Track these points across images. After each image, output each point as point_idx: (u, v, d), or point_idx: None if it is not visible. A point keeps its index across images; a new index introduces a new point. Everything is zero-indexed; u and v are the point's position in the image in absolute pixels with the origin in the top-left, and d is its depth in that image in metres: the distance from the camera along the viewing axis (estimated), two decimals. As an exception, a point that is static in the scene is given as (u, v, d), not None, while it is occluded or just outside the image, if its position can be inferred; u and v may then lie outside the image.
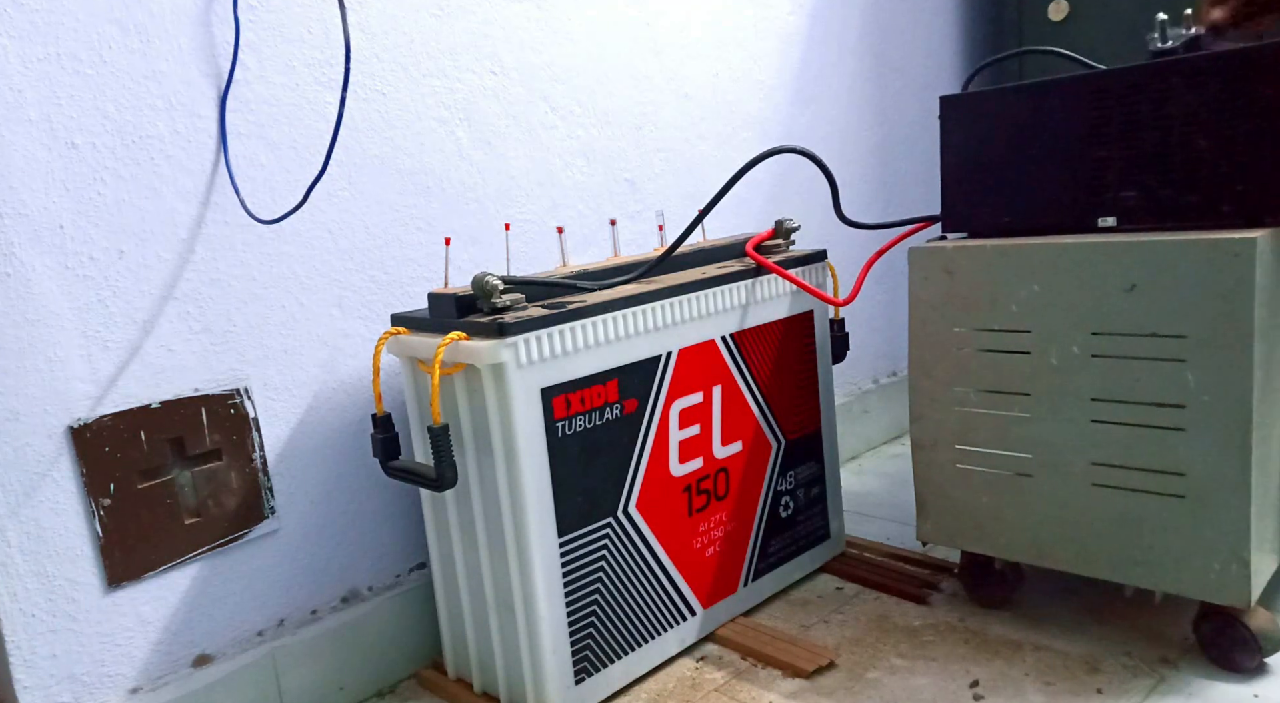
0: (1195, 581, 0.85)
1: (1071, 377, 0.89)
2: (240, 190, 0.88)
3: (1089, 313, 0.87)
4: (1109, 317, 0.86)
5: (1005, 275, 0.92)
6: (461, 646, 0.97)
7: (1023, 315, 0.91)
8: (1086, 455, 0.90)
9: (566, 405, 0.85)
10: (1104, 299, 0.86)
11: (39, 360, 0.78)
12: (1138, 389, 0.86)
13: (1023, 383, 0.92)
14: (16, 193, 0.76)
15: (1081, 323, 0.88)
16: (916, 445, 1.02)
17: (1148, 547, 0.88)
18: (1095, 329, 0.87)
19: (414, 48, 1.01)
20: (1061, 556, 0.93)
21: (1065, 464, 0.91)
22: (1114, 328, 0.86)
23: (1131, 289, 0.84)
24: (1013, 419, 0.94)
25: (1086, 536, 0.91)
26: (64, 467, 0.80)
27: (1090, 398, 0.88)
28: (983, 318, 0.95)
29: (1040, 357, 0.91)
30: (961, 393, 0.97)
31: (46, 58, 0.77)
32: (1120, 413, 0.87)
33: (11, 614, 0.78)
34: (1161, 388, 0.84)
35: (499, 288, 0.83)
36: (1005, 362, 0.93)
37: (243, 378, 0.90)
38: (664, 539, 0.96)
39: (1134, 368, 0.86)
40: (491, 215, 1.09)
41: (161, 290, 0.85)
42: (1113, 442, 0.88)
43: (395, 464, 0.89)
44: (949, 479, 1.00)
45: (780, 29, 1.42)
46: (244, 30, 0.87)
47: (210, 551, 0.89)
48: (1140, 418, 0.86)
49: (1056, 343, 0.89)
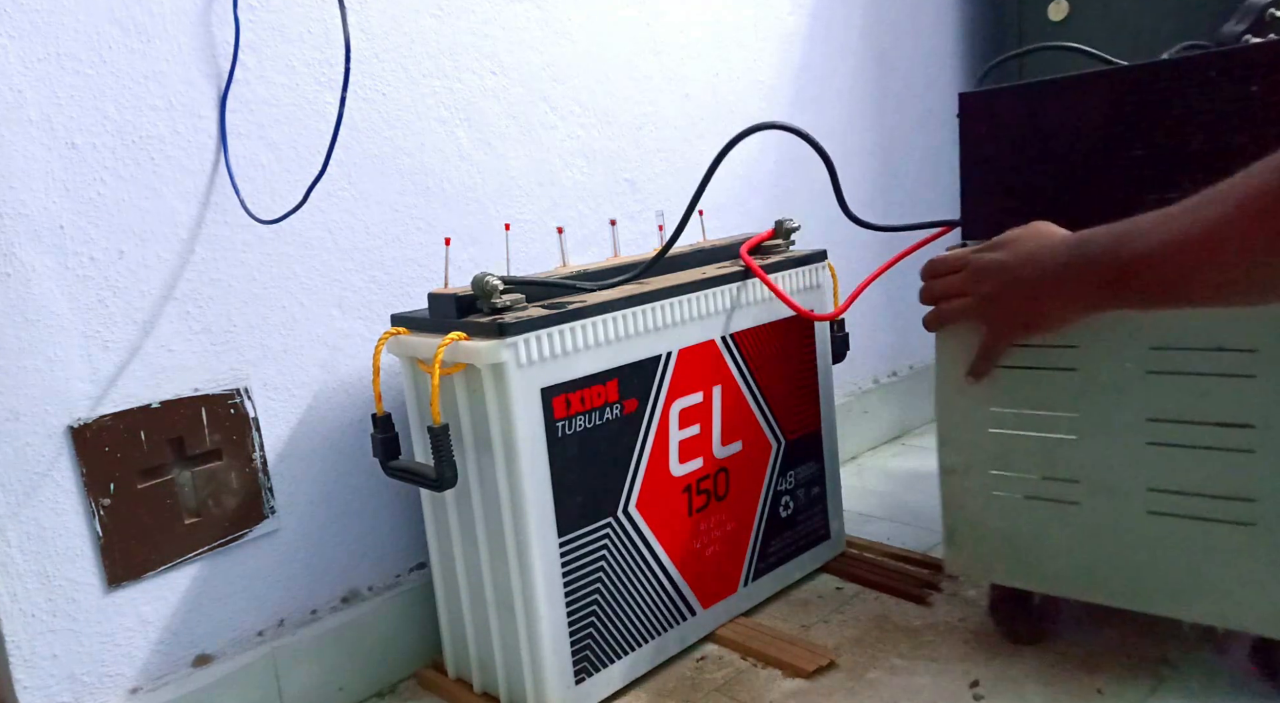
0: (1264, 615, 0.78)
1: (1125, 396, 0.81)
2: (240, 190, 0.88)
3: (1145, 327, 0.79)
4: (1168, 330, 0.78)
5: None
6: (461, 646, 0.97)
7: (1070, 330, 0.82)
8: (1143, 481, 0.81)
9: (566, 405, 0.85)
10: (1160, 313, 0.78)
11: (39, 360, 0.78)
12: (1201, 408, 0.78)
13: (1069, 403, 0.84)
14: (16, 193, 0.76)
15: (1136, 337, 0.79)
16: (946, 471, 0.93)
17: (1213, 579, 0.80)
18: (1153, 344, 0.79)
19: (414, 48, 1.01)
20: (1114, 589, 0.85)
21: (1119, 491, 0.83)
22: (1173, 342, 0.78)
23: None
24: (1057, 443, 0.85)
25: (1143, 568, 0.83)
26: (64, 467, 0.80)
27: (1147, 418, 0.80)
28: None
29: (1089, 374, 0.82)
30: (998, 414, 0.88)
31: (46, 58, 0.77)
32: (1181, 434, 0.79)
33: (11, 614, 0.78)
34: (1228, 407, 0.76)
35: (499, 288, 0.83)
36: (1049, 380, 0.85)
37: (243, 378, 0.90)
38: (664, 539, 0.96)
39: (1196, 385, 0.77)
40: (491, 215, 1.09)
41: (161, 290, 0.85)
42: (1173, 466, 0.80)
43: (395, 464, 0.89)
44: (983, 508, 0.91)
45: (780, 29, 1.42)
46: (244, 30, 0.87)
47: (210, 551, 0.89)
48: (1204, 440, 0.78)
49: (1108, 359, 0.81)
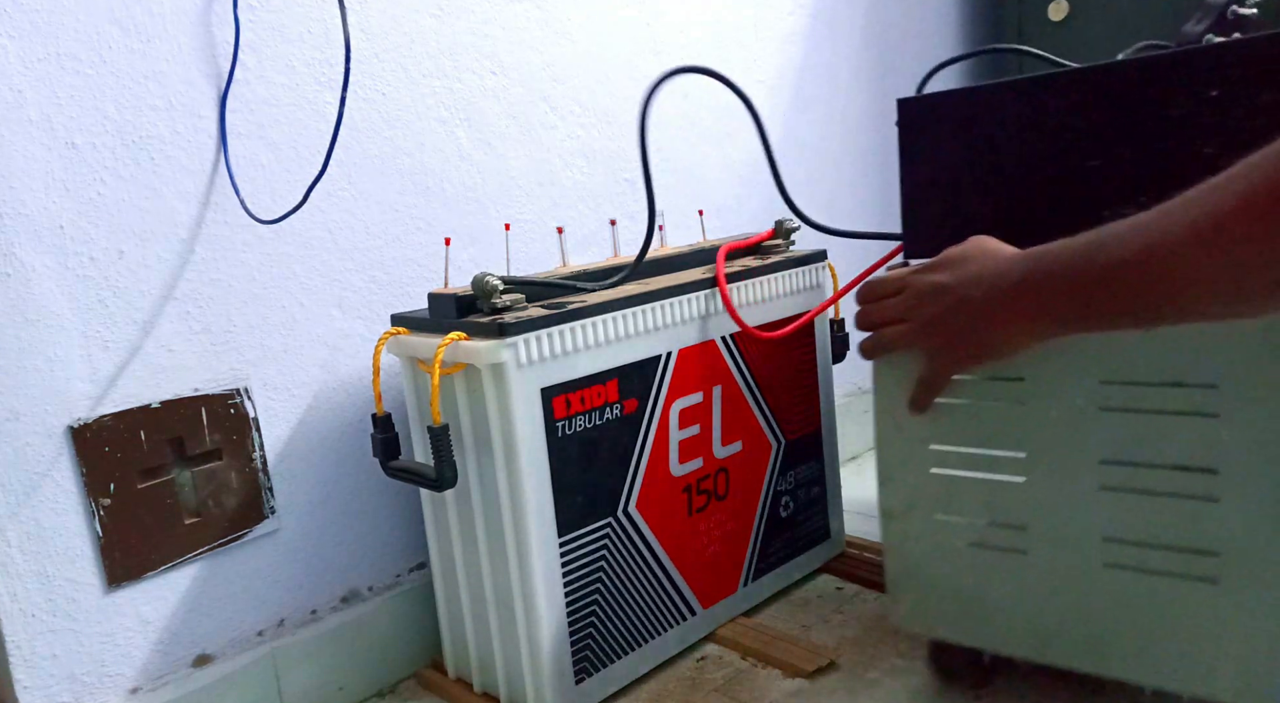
0: (1231, 683, 0.70)
1: (1076, 434, 0.73)
2: (240, 190, 0.88)
3: (1096, 358, 0.71)
4: (1121, 362, 0.70)
5: None
6: (461, 646, 0.97)
7: (1015, 362, 0.74)
8: (1097, 530, 0.74)
9: (566, 405, 0.85)
10: (1114, 342, 0.70)
11: (39, 360, 0.78)
12: (1159, 450, 0.70)
13: (1016, 441, 0.76)
14: (16, 193, 0.76)
15: (1086, 370, 0.72)
16: (886, 514, 0.85)
17: (1174, 641, 0.72)
18: (1104, 377, 0.71)
19: (414, 48, 1.01)
20: (1066, 650, 0.77)
21: (1070, 540, 0.75)
22: (1128, 376, 0.70)
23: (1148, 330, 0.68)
24: (1004, 485, 0.77)
25: (1098, 627, 0.75)
26: (64, 467, 0.80)
27: (1100, 460, 0.72)
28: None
29: (1037, 410, 0.74)
30: (940, 452, 0.80)
31: (46, 58, 0.77)
32: (1138, 479, 0.71)
33: (11, 614, 0.78)
34: (1189, 449, 0.68)
35: (499, 288, 0.83)
36: (993, 415, 0.77)
37: (243, 378, 0.90)
38: (664, 539, 0.96)
39: (1154, 424, 0.70)
40: (491, 215, 1.09)
41: (161, 290, 0.85)
42: (1129, 513, 0.72)
43: (395, 464, 0.89)
44: (927, 555, 0.83)
45: (780, 29, 1.42)
46: (244, 30, 0.87)
47: (210, 551, 0.89)
48: (1163, 485, 0.70)
49: (1057, 394, 0.73)
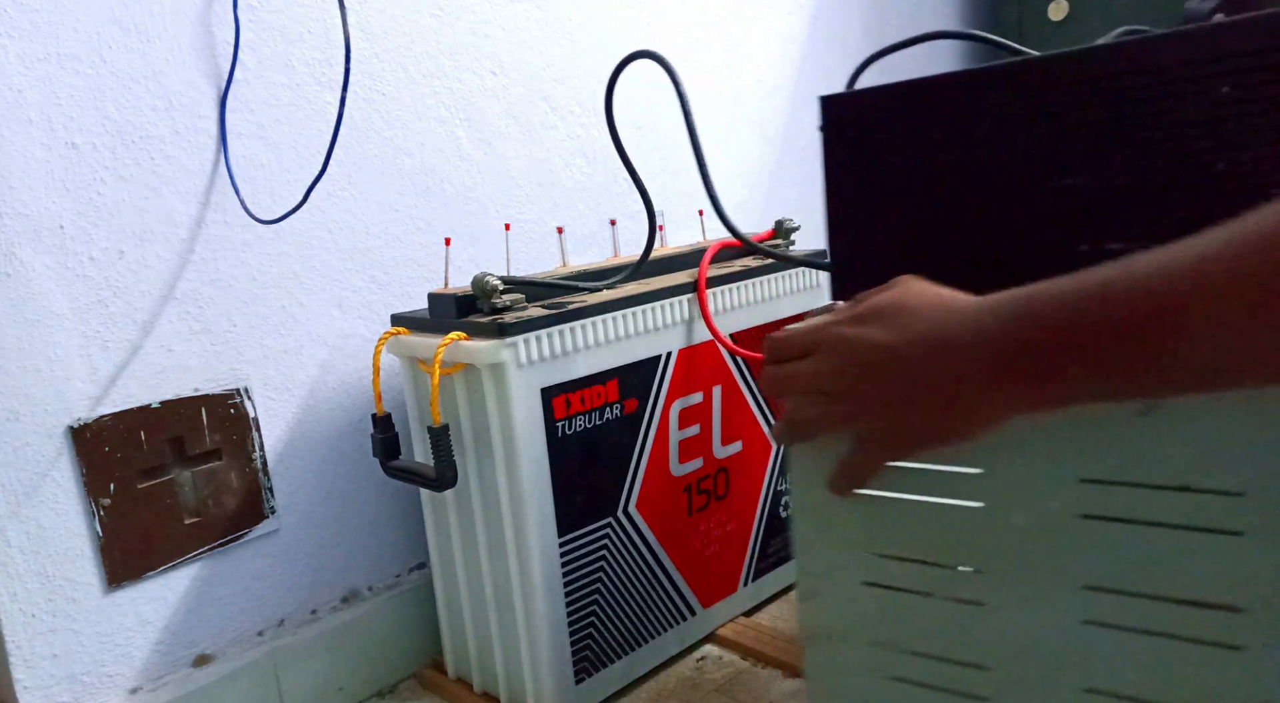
0: None
1: (1050, 549, 0.54)
2: (240, 190, 0.88)
3: (1077, 446, 0.52)
4: (1108, 456, 0.52)
5: None
6: (461, 646, 0.97)
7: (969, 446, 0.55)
8: (1077, 677, 0.55)
9: (566, 405, 0.85)
10: (1099, 427, 0.52)
11: (39, 360, 0.78)
12: (1161, 577, 0.51)
13: (973, 553, 0.57)
14: (16, 193, 0.76)
15: (1064, 462, 0.53)
16: (808, 638, 0.65)
17: None
18: (1087, 474, 0.52)
19: (414, 48, 1.01)
20: None
21: (1043, 688, 0.56)
22: (1118, 474, 0.51)
23: (1146, 411, 0.50)
24: (959, 610, 0.58)
25: None
26: (64, 467, 0.80)
27: (1083, 585, 0.53)
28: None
29: (1000, 513, 0.55)
30: (876, 562, 0.60)
31: (46, 58, 0.77)
32: (1132, 613, 0.52)
33: (11, 614, 0.78)
34: (1203, 578, 0.50)
35: (499, 288, 0.83)
36: (944, 517, 0.57)
37: (243, 378, 0.90)
38: (664, 539, 0.96)
39: (1154, 541, 0.51)
40: (491, 215, 1.09)
41: (161, 290, 0.85)
42: (1120, 659, 0.53)
43: (395, 464, 0.89)
44: (860, 695, 0.64)
45: (780, 29, 1.42)
46: (244, 30, 0.87)
47: (210, 551, 0.89)
48: (1166, 624, 0.51)
49: (1025, 493, 0.55)
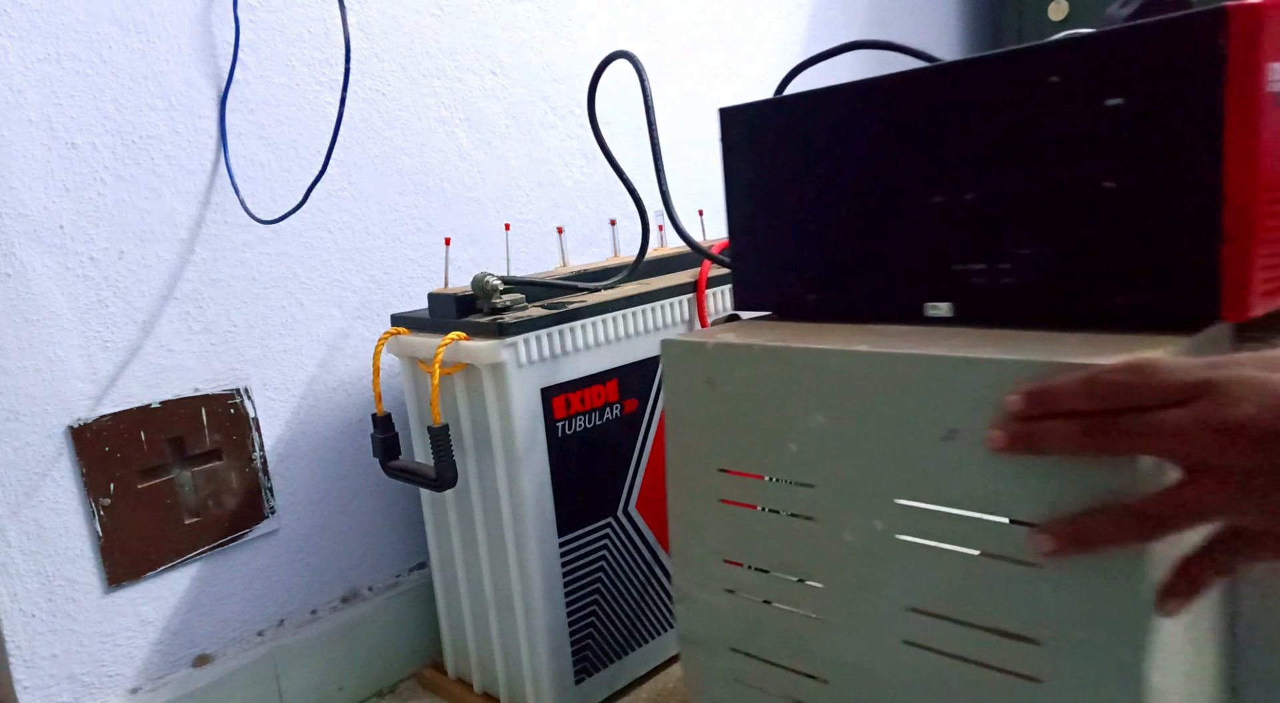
0: None
1: (874, 566, 0.55)
2: (240, 190, 0.88)
3: (893, 468, 0.53)
4: (922, 479, 0.51)
5: (781, 395, 0.58)
6: (461, 646, 0.97)
7: (805, 461, 0.57)
8: (902, 697, 0.55)
9: (566, 406, 0.85)
10: (913, 448, 0.51)
11: (39, 360, 0.78)
12: (969, 604, 0.51)
13: (811, 567, 0.58)
14: (16, 193, 0.76)
15: (884, 484, 0.53)
16: (686, 642, 0.67)
17: None
18: (904, 496, 0.52)
19: (414, 48, 1.01)
20: None
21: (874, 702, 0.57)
22: (928, 496, 0.51)
23: (951, 436, 0.50)
24: (802, 621, 0.59)
25: None
26: (64, 467, 0.80)
27: (904, 606, 0.54)
28: (757, 458, 0.60)
29: (829, 529, 0.56)
30: (736, 573, 0.63)
31: (46, 58, 0.77)
32: (945, 637, 0.52)
33: (11, 614, 0.78)
34: (1004, 608, 0.50)
35: (499, 288, 0.83)
36: (788, 530, 0.59)
37: (243, 378, 0.90)
38: (664, 539, 0.96)
39: (962, 566, 0.51)
40: (491, 215, 1.09)
41: (161, 290, 0.85)
42: (937, 683, 0.53)
43: (395, 464, 0.89)
44: (724, 699, 0.66)
45: (780, 29, 1.42)
46: (244, 30, 0.87)
47: (210, 551, 0.89)
48: (975, 652, 0.51)
49: (851, 510, 0.55)
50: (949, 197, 0.57)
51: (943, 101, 0.56)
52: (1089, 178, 0.51)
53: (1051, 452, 0.43)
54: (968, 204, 0.56)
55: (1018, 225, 0.54)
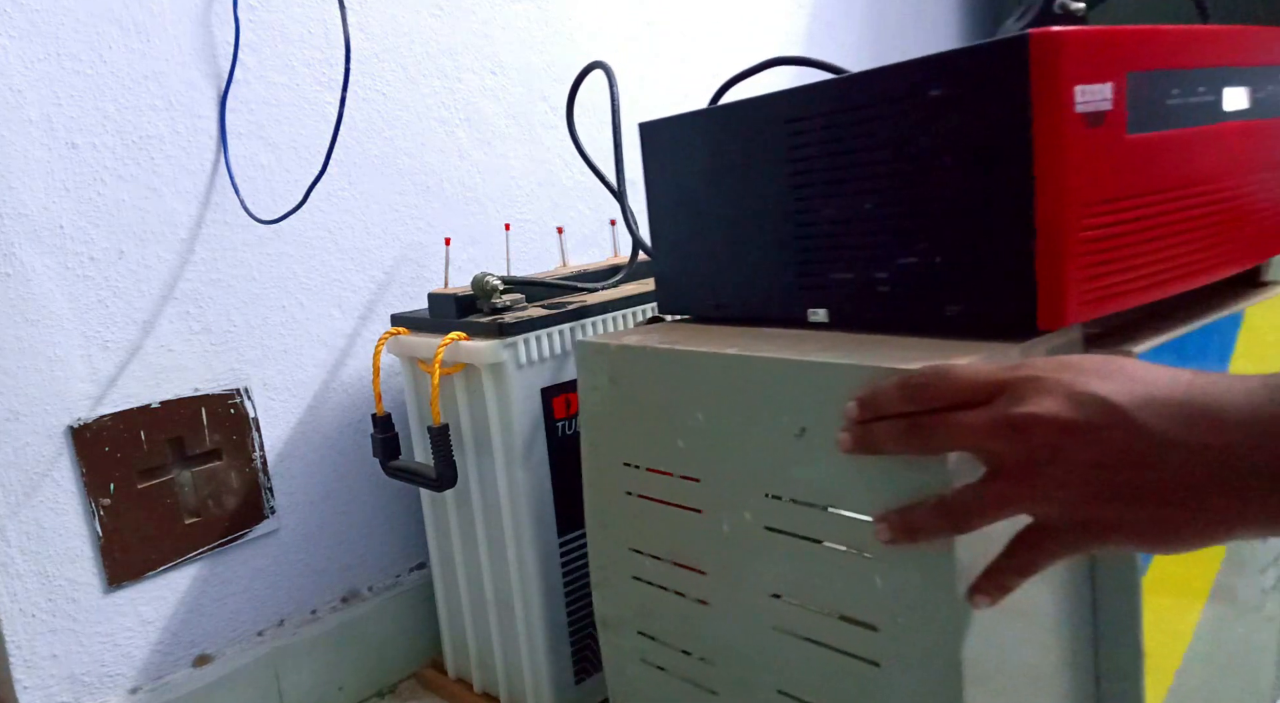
0: None
1: (747, 556, 0.59)
2: (240, 190, 0.88)
3: (760, 465, 0.57)
4: (781, 474, 0.56)
5: (670, 395, 0.62)
6: (461, 645, 0.97)
7: (691, 456, 0.61)
8: (770, 679, 0.60)
9: (566, 406, 0.85)
10: (773, 445, 0.55)
11: (39, 360, 0.78)
12: (822, 592, 0.55)
13: (698, 555, 0.63)
14: (16, 193, 0.76)
15: (752, 478, 0.57)
16: (602, 624, 0.73)
17: None
18: (768, 489, 0.57)
19: (414, 48, 1.01)
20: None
21: (750, 687, 0.61)
22: (787, 491, 0.56)
23: (801, 434, 0.54)
24: (692, 607, 0.64)
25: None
26: (64, 467, 0.80)
27: (770, 593, 0.58)
28: (653, 452, 0.64)
29: (711, 520, 0.61)
30: (638, 559, 0.67)
31: (46, 58, 0.77)
32: (805, 624, 0.57)
33: (11, 614, 0.78)
34: (849, 596, 0.54)
35: (499, 288, 0.83)
36: (680, 521, 0.63)
37: (243, 378, 0.90)
38: (664, 539, 0.96)
39: (814, 557, 0.55)
40: (491, 215, 1.09)
41: (161, 290, 0.85)
42: (800, 665, 0.57)
43: (395, 464, 0.89)
44: (639, 681, 0.70)
45: (780, 29, 1.42)
46: (244, 30, 0.87)
47: (210, 551, 0.89)
48: (826, 635, 0.55)
49: (728, 502, 0.60)
50: (821, 209, 0.60)
51: (808, 119, 0.60)
52: (926, 195, 0.54)
53: (886, 451, 0.47)
54: (834, 217, 0.60)
55: (875, 237, 0.58)
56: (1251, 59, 0.61)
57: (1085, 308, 0.52)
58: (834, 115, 0.58)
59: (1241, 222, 0.62)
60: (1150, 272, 0.55)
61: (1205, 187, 0.58)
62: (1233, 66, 0.59)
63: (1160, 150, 0.54)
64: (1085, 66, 0.49)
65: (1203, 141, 0.57)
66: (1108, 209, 0.51)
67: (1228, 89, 0.58)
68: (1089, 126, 0.50)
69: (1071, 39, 0.48)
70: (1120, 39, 0.51)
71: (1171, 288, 0.57)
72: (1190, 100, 0.56)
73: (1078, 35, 0.49)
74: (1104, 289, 0.52)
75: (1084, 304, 0.52)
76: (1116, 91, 0.50)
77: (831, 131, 0.58)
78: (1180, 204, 0.56)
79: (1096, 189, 0.51)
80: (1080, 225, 0.50)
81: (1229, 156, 0.60)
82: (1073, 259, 0.50)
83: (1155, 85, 0.53)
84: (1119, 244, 0.52)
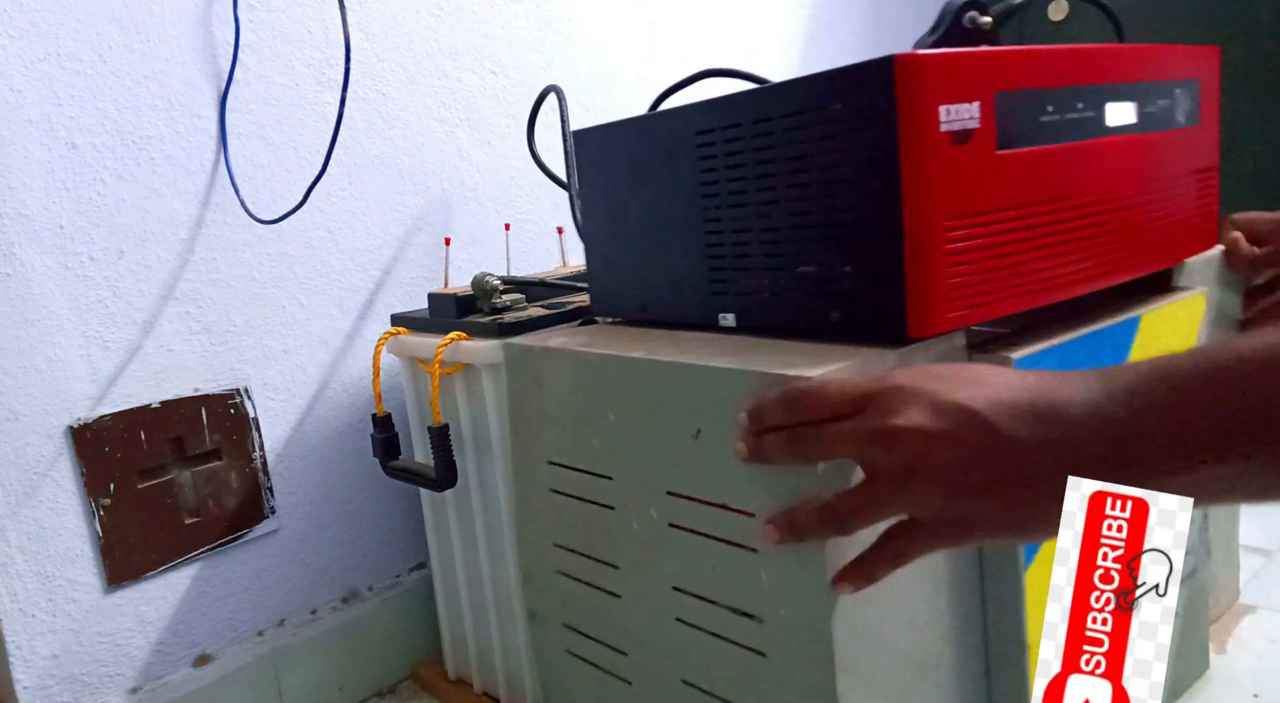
0: None
1: (653, 552, 0.63)
2: (240, 190, 0.88)
3: (662, 464, 0.60)
4: (681, 473, 0.59)
5: (585, 395, 0.66)
6: (461, 646, 0.97)
7: (604, 454, 0.65)
8: (675, 669, 0.63)
9: (566, 405, 0.85)
10: (673, 444, 0.59)
11: (39, 360, 0.78)
12: (716, 585, 0.59)
13: (611, 550, 0.66)
14: (16, 193, 0.76)
15: (657, 477, 0.61)
16: (529, 615, 0.77)
17: None
18: (670, 487, 0.60)
19: (414, 48, 1.01)
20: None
21: (658, 674, 0.65)
22: (686, 489, 0.59)
23: (697, 435, 0.57)
24: (607, 599, 0.68)
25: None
26: (64, 467, 0.80)
27: (672, 586, 0.62)
28: (572, 451, 0.68)
29: (623, 517, 0.64)
30: (560, 554, 0.71)
31: (46, 58, 0.77)
32: (701, 616, 0.60)
33: (11, 614, 0.78)
34: (739, 589, 0.57)
35: (499, 288, 0.83)
36: (595, 518, 0.67)
37: (243, 378, 0.90)
38: (664, 539, 0.96)
39: (709, 553, 0.58)
40: (491, 215, 1.09)
41: (161, 290, 0.85)
42: (698, 656, 0.61)
43: (395, 464, 0.89)
44: (564, 672, 0.73)
45: (780, 29, 1.42)
46: (244, 30, 0.87)
47: (210, 551, 0.89)
48: (721, 627, 0.59)
49: (635, 500, 0.63)
50: (726, 218, 0.63)
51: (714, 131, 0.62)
52: (815, 207, 0.57)
53: (775, 461, 0.50)
54: (738, 226, 0.62)
55: (775, 246, 0.60)
56: (1136, 75, 0.62)
57: (954, 317, 0.54)
58: (734, 128, 0.60)
59: (1137, 230, 0.63)
60: (1024, 281, 0.56)
61: (1087, 198, 0.59)
62: (1117, 83, 0.61)
63: (1033, 165, 0.56)
64: (950, 87, 0.51)
65: (1083, 155, 0.58)
66: (975, 222, 0.53)
67: (1111, 105, 0.60)
68: (955, 144, 0.51)
69: (935, 62, 0.50)
70: (989, 60, 0.53)
71: (1051, 296, 0.58)
72: (1067, 116, 0.57)
73: (942, 58, 0.51)
74: (973, 298, 0.54)
75: (953, 313, 0.53)
76: (985, 110, 0.52)
77: (733, 144, 0.61)
78: (1056, 216, 0.57)
79: (963, 203, 0.52)
80: (946, 238, 0.52)
81: (1116, 169, 0.61)
82: (939, 270, 0.52)
83: (1027, 104, 0.55)
84: (988, 255, 0.54)
